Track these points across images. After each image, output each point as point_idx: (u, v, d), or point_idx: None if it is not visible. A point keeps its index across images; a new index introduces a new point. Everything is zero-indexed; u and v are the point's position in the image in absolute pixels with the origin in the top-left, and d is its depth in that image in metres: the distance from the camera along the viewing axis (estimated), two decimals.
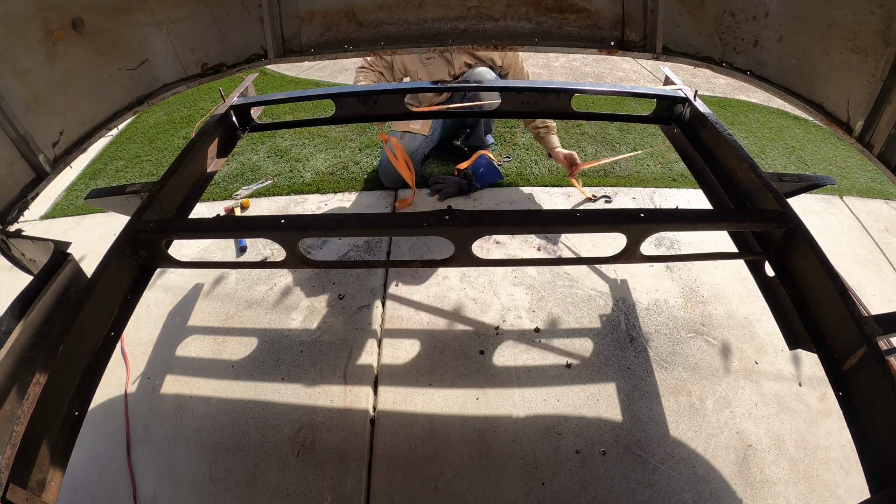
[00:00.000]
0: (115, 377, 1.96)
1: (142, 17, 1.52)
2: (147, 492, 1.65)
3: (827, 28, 1.34)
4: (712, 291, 2.24)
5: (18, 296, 1.13)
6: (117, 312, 1.23)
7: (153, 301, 2.25)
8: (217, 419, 1.82)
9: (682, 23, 1.60)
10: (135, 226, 1.28)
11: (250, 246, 2.53)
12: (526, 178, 2.97)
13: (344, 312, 2.18)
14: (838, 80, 1.37)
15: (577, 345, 2.02)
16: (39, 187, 1.35)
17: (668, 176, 3.01)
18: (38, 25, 1.28)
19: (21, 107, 1.27)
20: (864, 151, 1.33)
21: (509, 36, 1.71)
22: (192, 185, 1.63)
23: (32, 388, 0.96)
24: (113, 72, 1.51)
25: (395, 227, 1.48)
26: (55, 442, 1.00)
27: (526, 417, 1.79)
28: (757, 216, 1.36)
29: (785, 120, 3.85)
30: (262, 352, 2.04)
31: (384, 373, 1.95)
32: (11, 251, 1.29)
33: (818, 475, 1.65)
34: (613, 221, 1.27)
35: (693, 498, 1.59)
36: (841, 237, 2.62)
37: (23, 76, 1.27)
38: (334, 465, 1.68)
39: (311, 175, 3.06)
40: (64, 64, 1.36)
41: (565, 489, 1.61)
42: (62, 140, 1.40)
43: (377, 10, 1.69)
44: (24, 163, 1.32)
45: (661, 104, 1.88)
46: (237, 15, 1.66)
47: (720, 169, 1.59)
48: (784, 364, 1.96)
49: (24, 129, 1.28)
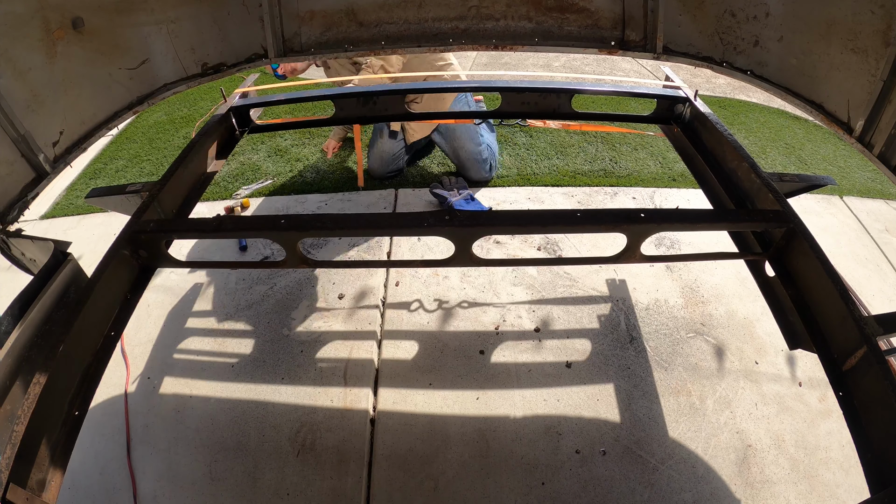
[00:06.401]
0: (115, 377, 1.96)
1: (142, 17, 1.52)
2: (147, 492, 1.65)
3: (827, 28, 1.34)
4: (712, 291, 2.24)
5: (18, 296, 1.13)
6: (117, 312, 1.23)
7: (153, 301, 2.25)
8: (217, 419, 1.82)
9: (683, 22, 1.60)
10: (135, 225, 1.28)
11: (251, 246, 2.53)
12: (526, 177, 2.97)
13: (344, 312, 2.18)
14: (838, 80, 1.36)
15: (577, 345, 2.02)
16: (39, 187, 1.35)
17: (668, 176, 3.01)
18: (38, 25, 1.27)
19: (21, 107, 1.27)
20: (865, 151, 1.33)
21: (510, 36, 1.71)
22: (193, 185, 1.63)
23: (32, 387, 0.96)
24: (113, 71, 1.51)
25: (395, 227, 1.48)
26: (55, 442, 1.00)
27: (526, 417, 1.79)
28: (757, 216, 1.35)
29: (785, 120, 3.85)
30: (262, 352, 2.04)
31: (384, 373, 1.95)
32: (11, 251, 1.29)
33: (818, 475, 1.65)
34: (614, 221, 1.26)
35: (693, 498, 1.59)
36: (841, 237, 2.62)
37: (23, 76, 1.27)
38: (334, 465, 1.68)
39: (311, 175, 3.06)
40: (64, 64, 1.36)
41: (565, 489, 1.61)
42: (62, 140, 1.40)
43: (377, 10, 1.69)
44: (25, 162, 1.31)
45: (661, 104, 1.88)
46: (237, 15, 1.66)
47: (720, 169, 1.59)
48: (784, 364, 1.96)
49: (24, 129, 1.27)
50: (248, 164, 3.18)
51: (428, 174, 3.01)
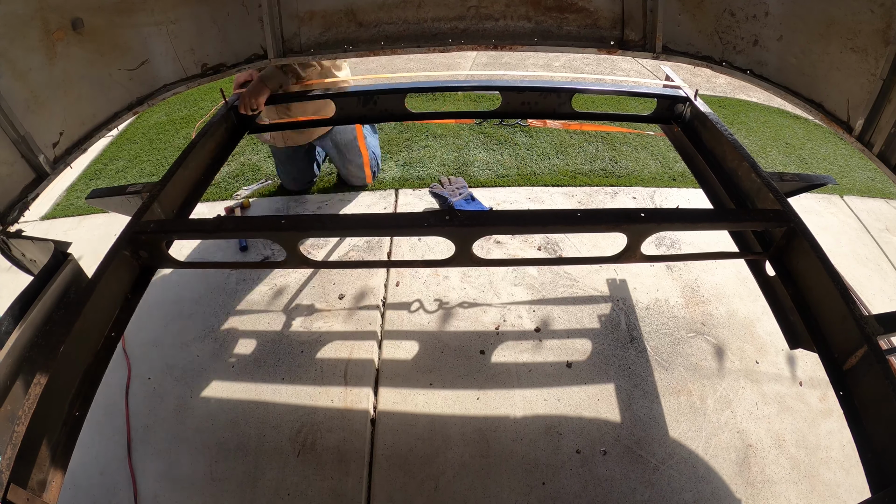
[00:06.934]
0: (115, 377, 1.96)
1: (142, 18, 1.52)
2: (148, 492, 1.65)
3: (827, 27, 1.34)
4: (713, 291, 2.24)
5: (19, 296, 1.13)
6: (118, 313, 1.23)
7: (154, 301, 2.25)
8: (217, 419, 1.82)
9: (682, 22, 1.60)
10: (135, 226, 1.28)
11: (251, 246, 2.53)
12: (526, 177, 2.97)
13: (344, 312, 2.18)
14: (838, 79, 1.36)
15: (578, 344, 2.02)
16: (40, 188, 1.35)
17: (669, 175, 3.01)
18: (38, 25, 1.28)
19: (21, 107, 1.27)
20: (864, 150, 1.33)
21: (509, 36, 1.71)
22: (193, 185, 1.63)
23: (33, 388, 0.96)
24: (113, 72, 1.51)
25: (396, 227, 1.48)
26: (56, 442, 1.00)
27: (526, 417, 1.79)
28: (757, 216, 1.36)
29: (785, 119, 3.85)
30: (263, 352, 2.04)
31: (384, 372, 1.95)
32: (12, 251, 1.29)
33: (819, 475, 1.65)
34: (614, 221, 1.27)
35: (694, 497, 1.59)
36: (841, 236, 2.62)
37: (23, 76, 1.27)
38: (335, 465, 1.68)
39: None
40: (64, 64, 1.36)
41: (566, 489, 1.61)
42: (62, 140, 1.40)
43: (377, 10, 1.69)
44: (25, 163, 1.32)
45: (661, 104, 1.88)
46: (237, 15, 1.66)
47: (720, 168, 1.59)
48: (784, 364, 1.96)
49: (24, 130, 1.28)
50: (248, 165, 3.18)
51: (428, 174, 3.01)
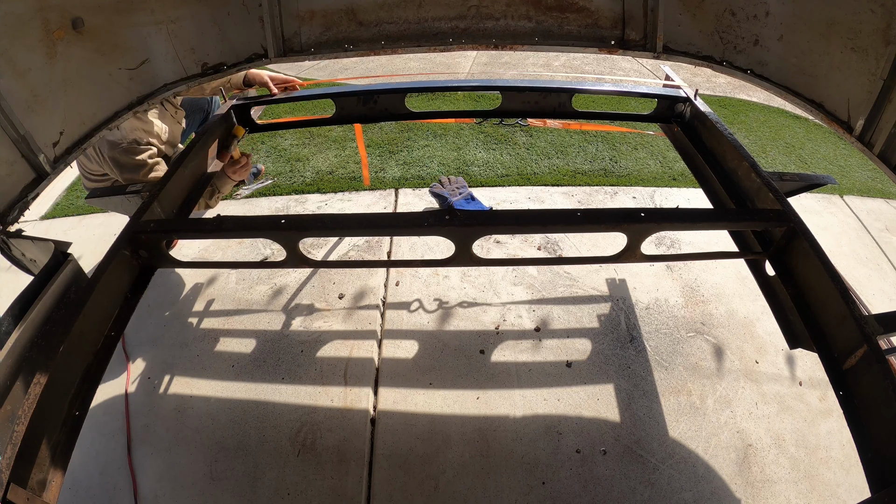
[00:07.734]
0: (115, 377, 1.96)
1: (142, 17, 1.51)
2: (148, 491, 1.65)
3: (827, 27, 1.34)
4: (713, 291, 2.24)
5: (19, 296, 1.13)
6: (118, 312, 1.23)
7: (154, 301, 2.25)
8: (217, 419, 1.82)
9: (683, 22, 1.60)
10: (135, 226, 1.28)
11: (251, 246, 2.53)
12: (526, 177, 2.97)
13: (344, 312, 2.18)
14: (839, 79, 1.36)
15: (578, 344, 2.02)
16: (40, 187, 1.35)
17: (669, 175, 3.01)
18: (38, 25, 1.27)
19: (21, 107, 1.27)
20: (865, 150, 1.32)
21: (510, 35, 1.71)
22: (193, 185, 1.63)
23: (33, 388, 0.96)
24: (113, 71, 1.50)
25: (396, 227, 1.48)
26: (56, 442, 1.00)
27: (526, 417, 1.79)
28: (757, 215, 1.35)
29: (785, 119, 3.85)
30: (263, 352, 2.04)
31: (384, 372, 1.95)
32: (12, 251, 1.29)
33: (819, 474, 1.65)
34: (614, 221, 1.26)
35: (693, 497, 1.59)
36: (841, 236, 2.62)
37: (23, 76, 1.27)
38: (335, 465, 1.68)
39: (311, 175, 3.06)
40: (64, 64, 1.36)
41: (566, 488, 1.61)
42: (62, 140, 1.40)
43: (377, 10, 1.69)
44: (25, 163, 1.31)
45: (661, 103, 1.88)
46: (237, 14, 1.66)
47: (720, 168, 1.59)
48: (784, 363, 1.96)
49: (24, 129, 1.27)
50: None
51: (428, 174, 3.01)
